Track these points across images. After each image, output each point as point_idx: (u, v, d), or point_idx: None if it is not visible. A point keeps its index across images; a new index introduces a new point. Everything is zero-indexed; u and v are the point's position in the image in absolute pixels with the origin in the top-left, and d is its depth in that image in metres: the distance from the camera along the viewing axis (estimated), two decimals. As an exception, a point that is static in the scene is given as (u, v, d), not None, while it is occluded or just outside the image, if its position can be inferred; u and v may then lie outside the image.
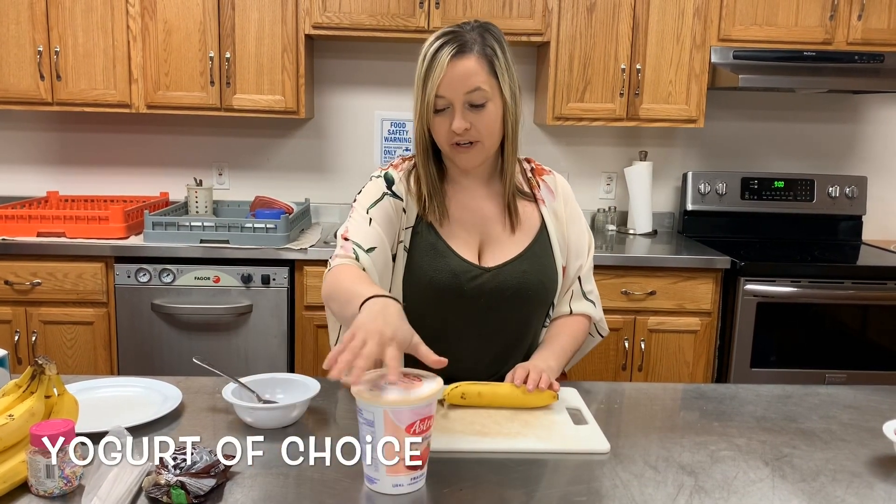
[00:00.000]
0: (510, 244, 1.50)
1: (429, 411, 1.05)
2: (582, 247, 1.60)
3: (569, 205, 1.60)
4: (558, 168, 3.31)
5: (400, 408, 1.02)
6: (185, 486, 1.00)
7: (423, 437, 1.04)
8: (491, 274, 1.47)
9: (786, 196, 3.29)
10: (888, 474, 1.15)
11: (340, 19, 2.88)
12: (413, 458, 1.04)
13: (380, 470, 1.04)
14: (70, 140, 3.30)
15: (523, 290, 1.48)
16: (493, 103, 1.41)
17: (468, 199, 1.52)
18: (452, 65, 1.37)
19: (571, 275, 1.60)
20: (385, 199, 1.48)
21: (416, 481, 1.06)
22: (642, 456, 1.19)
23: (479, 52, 1.39)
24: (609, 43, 2.95)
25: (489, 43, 1.41)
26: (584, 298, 1.61)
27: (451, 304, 1.46)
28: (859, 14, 2.94)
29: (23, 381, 1.11)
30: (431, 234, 1.48)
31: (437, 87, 1.37)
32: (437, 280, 1.45)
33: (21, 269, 2.69)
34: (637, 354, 2.83)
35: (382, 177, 1.52)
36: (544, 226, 1.55)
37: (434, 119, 1.41)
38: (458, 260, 1.47)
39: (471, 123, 1.39)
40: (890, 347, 2.83)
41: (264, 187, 3.33)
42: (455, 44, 1.38)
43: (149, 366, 2.73)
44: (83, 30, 2.86)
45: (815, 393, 1.50)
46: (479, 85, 1.38)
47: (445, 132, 1.41)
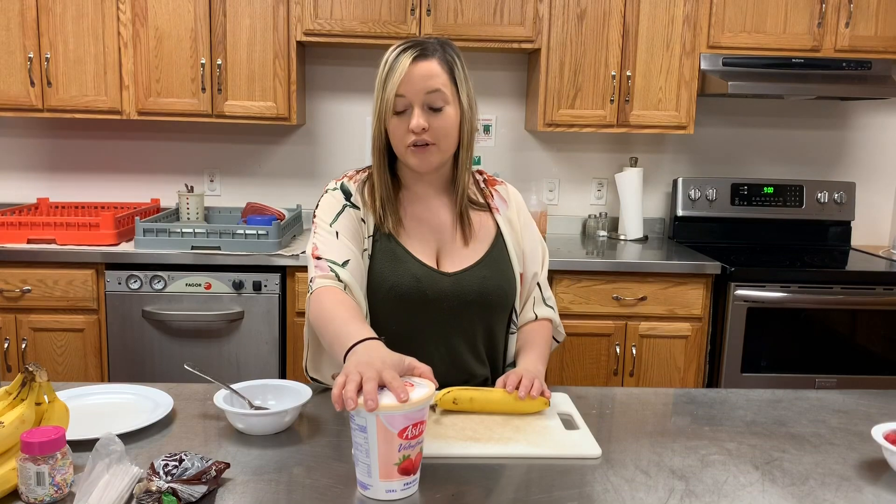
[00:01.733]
0: (466, 252, 1.52)
1: (421, 416, 1.05)
2: (536, 254, 1.63)
3: (521, 213, 1.63)
4: (550, 174, 3.37)
5: (393, 413, 1.02)
6: (176, 492, 1.00)
7: (415, 441, 1.04)
8: (452, 279, 1.48)
9: (775, 202, 3.32)
10: (877, 478, 1.16)
11: (332, 26, 2.89)
12: (406, 463, 1.04)
13: (373, 475, 1.04)
14: (61, 146, 3.29)
15: (485, 296, 1.50)
16: (451, 108, 1.43)
17: (422, 209, 1.53)
18: (414, 65, 1.40)
19: (529, 281, 1.62)
20: (346, 211, 1.49)
21: (408, 487, 1.06)
22: (633, 460, 1.20)
23: (440, 58, 1.43)
24: (599, 50, 2.97)
25: (449, 53, 1.45)
26: (545, 304, 1.64)
27: (415, 310, 1.47)
28: (847, 21, 2.97)
29: (13, 388, 1.11)
30: (391, 241, 1.49)
31: (398, 86, 1.39)
32: (399, 285, 1.46)
33: (11, 275, 2.68)
34: (628, 360, 2.83)
35: (339, 188, 1.52)
36: (500, 233, 1.57)
37: (392, 120, 1.42)
38: (419, 265, 1.48)
39: (428, 124, 1.41)
40: (879, 352, 2.85)
41: (256, 194, 3.33)
42: (417, 48, 1.41)
43: (140, 373, 2.73)
44: (74, 36, 2.85)
45: (804, 397, 1.51)
46: (439, 87, 1.40)
47: (403, 133, 1.42)
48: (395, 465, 1.03)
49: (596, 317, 2.81)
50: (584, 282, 2.78)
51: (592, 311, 2.80)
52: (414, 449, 1.05)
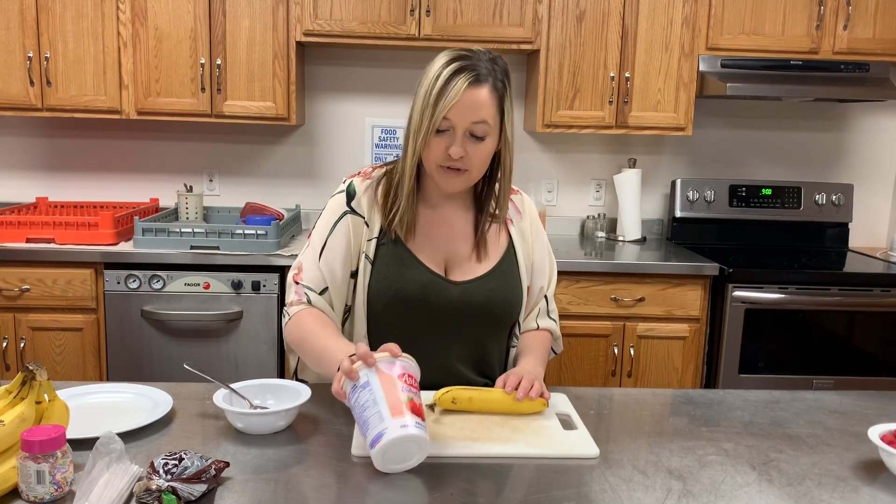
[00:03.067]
0: (476, 263, 1.52)
1: (412, 369, 1.19)
2: (544, 267, 1.63)
3: (534, 225, 1.63)
4: (549, 175, 3.37)
5: (390, 360, 1.17)
6: (176, 491, 1.00)
7: (414, 390, 1.16)
8: (459, 289, 1.48)
9: (773, 203, 3.32)
10: (873, 478, 1.17)
11: (331, 26, 2.89)
12: (411, 403, 1.13)
13: (385, 419, 1.10)
14: (60, 146, 3.29)
15: (490, 307, 1.50)
16: (491, 138, 1.42)
17: (438, 219, 1.52)
18: (469, 91, 1.37)
19: (535, 293, 1.63)
20: (343, 220, 1.49)
21: (420, 426, 1.11)
22: (631, 461, 1.20)
23: (492, 86, 1.40)
24: (598, 51, 2.97)
25: (500, 77, 1.42)
26: (548, 317, 1.65)
27: (419, 316, 1.47)
28: (845, 24, 2.98)
29: (13, 386, 1.11)
30: (399, 245, 1.48)
31: (448, 110, 1.37)
32: (404, 290, 1.45)
33: (10, 275, 2.68)
34: (626, 361, 2.84)
35: (345, 190, 1.52)
36: (512, 245, 1.57)
37: (432, 138, 1.40)
38: (426, 271, 1.47)
39: (466, 152, 1.40)
40: (876, 353, 2.86)
41: (255, 194, 3.33)
42: (472, 72, 1.37)
43: (138, 372, 2.73)
44: (73, 36, 2.85)
45: (801, 398, 1.52)
46: (486, 118, 1.39)
47: (440, 153, 1.41)
48: (403, 402, 1.12)
49: (594, 318, 2.82)
50: (583, 283, 2.79)
51: (591, 311, 2.80)
52: (416, 395, 1.15)
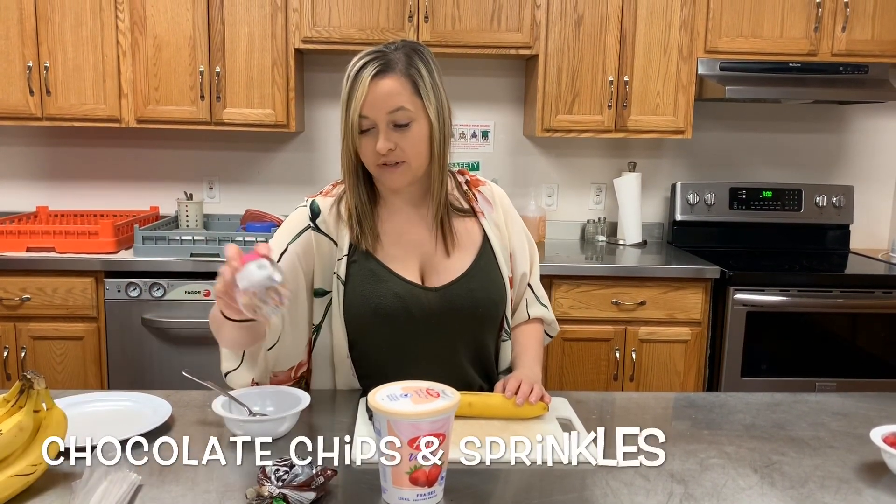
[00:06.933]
0: (451, 264, 1.47)
1: (435, 428, 1.01)
2: (524, 252, 1.59)
3: (507, 213, 1.58)
4: (548, 179, 3.37)
5: (399, 420, 1.01)
6: (287, 498, 1.02)
7: (428, 453, 1.01)
8: (437, 294, 1.44)
9: (774, 206, 3.32)
10: (876, 480, 1.16)
11: (330, 33, 2.90)
12: (417, 473, 1.02)
13: (387, 480, 1.04)
14: (60, 155, 3.29)
15: (473, 309, 1.46)
16: (417, 124, 1.37)
17: (402, 222, 1.49)
18: (374, 84, 1.34)
19: (518, 283, 1.58)
20: (304, 236, 1.45)
21: (422, 498, 1.03)
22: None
23: (401, 72, 1.36)
24: (597, 55, 2.98)
25: (414, 63, 1.38)
26: (539, 303, 1.62)
27: (401, 329, 1.43)
28: (843, 26, 2.98)
29: (11, 395, 1.11)
30: (370, 260, 1.44)
31: (361, 108, 1.35)
32: (382, 306, 1.41)
33: (10, 284, 2.68)
34: (628, 364, 2.83)
35: (308, 206, 1.48)
36: (487, 239, 1.52)
37: (360, 140, 1.38)
38: (401, 282, 1.43)
39: (395, 144, 1.36)
40: (878, 355, 2.85)
41: (255, 201, 3.33)
42: (378, 63, 1.35)
43: (139, 380, 2.72)
44: (73, 45, 2.86)
45: (804, 401, 1.51)
46: (401, 105, 1.35)
47: (371, 153, 1.38)
48: (406, 473, 1.02)
49: (595, 322, 2.81)
50: (584, 287, 2.78)
51: (592, 315, 2.80)
52: (427, 461, 1.02)
